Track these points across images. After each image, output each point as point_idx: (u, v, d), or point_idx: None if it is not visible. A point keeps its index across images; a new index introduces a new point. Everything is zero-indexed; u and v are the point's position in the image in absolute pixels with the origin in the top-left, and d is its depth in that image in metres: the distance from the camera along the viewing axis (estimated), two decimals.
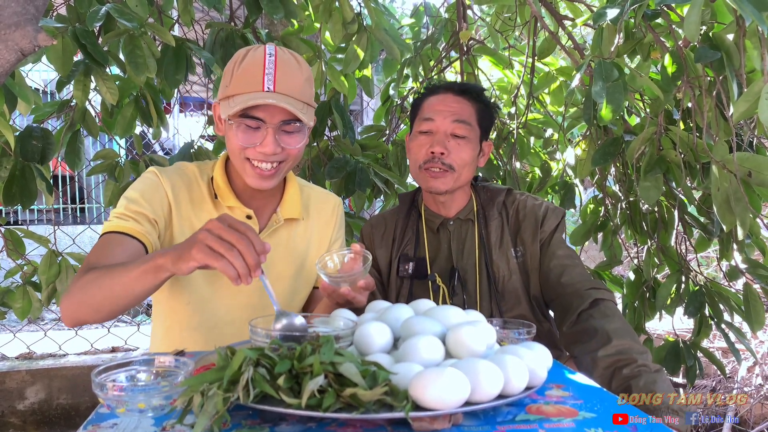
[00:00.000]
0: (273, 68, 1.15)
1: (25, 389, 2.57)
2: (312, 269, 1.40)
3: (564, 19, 1.95)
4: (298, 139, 1.20)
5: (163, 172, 1.27)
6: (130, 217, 1.18)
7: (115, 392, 0.73)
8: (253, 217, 1.30)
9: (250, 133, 1.17)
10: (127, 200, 1.21)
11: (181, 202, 1.26)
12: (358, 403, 0.70)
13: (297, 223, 1.37)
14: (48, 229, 2.22)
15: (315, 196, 1.43)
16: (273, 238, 1.33)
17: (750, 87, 1.23)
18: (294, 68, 1.18)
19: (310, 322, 1.00)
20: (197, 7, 2.01)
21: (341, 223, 1.46)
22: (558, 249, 1.45)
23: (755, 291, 1.70)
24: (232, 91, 1.16)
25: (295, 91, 1.16)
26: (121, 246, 1.14)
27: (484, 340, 0.86)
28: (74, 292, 1.06)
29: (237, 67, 1.17)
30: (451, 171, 1.43)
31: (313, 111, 1.24)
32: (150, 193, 1.23)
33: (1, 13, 0.96)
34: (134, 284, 1.00)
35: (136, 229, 1.17)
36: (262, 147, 1.17)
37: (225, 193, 1.28)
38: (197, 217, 1.28)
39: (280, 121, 1.17)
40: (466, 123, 1.43)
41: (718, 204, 1.41)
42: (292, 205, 1.35)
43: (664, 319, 2.02)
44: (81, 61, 1.67)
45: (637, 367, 1.14)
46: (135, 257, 1.13)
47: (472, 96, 1.47)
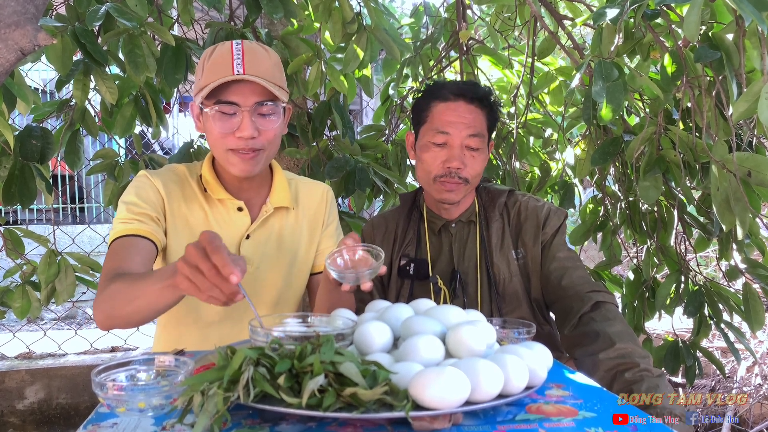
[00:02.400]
0: (241, 54, 1.18)
1: (25, 389, 2.56)
2: (306, 257, 1.41)
3: (564, 19, 1.95)
4: (273, 121, 1.23)
5: (153, 173, 1.30)
6: (134, 219, 1.21)
7: (115, 392, 0.73)
8: (244, 208, 1.32)
9: (226, 119, 1.20)
10: (126, 204, 1.23)
11: (173, 200, 1.29)
12: (358, 402, 0.70)
13: (288, 213, 1.38)
14: (47, 229, 2.22)
15: (303, 186, 1.45)
16: (265, 227, 1.35)
17: (749, 87, 1.23)
18: (261, 54, 1.22)
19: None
20: (197, 7, 2.01)
21: (332, 207, 1.47)
22: (559, 251, 1.45)
23: (755, 291, 1.70)
24: (204, 82, 1.19)
25: (265, 73, 1.20)
26: (134, 248, 1.17)
27: (484, 340, 0.86)
28: (104, 302, 1.08)
29: (207, 60, 1.21)
30: (465, 183, 1.43)
31: (286, 95, 1.26)
32: (145, 193, 1.26)
33: (1, 12, 0.96)
34: (157, 300, 1.01)
35: (143, 229, 1.20)
36: (240, 131, 1.19)
37: (214, 186, 1.30)
38: (190, 212, 1.30)
39: (255, 103, 1.19)
40: (480, 136, 1.42)
41: (717, 204, 1.41)
42: (282, 194, 1.36)
43: (664, 318, 2.02)
44: (80, 61, 1.66)
45: (639, 371, 1.14)
46: (149, 257, 1.18)
47: (484, 104, 1.44)
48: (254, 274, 1.33)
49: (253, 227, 1.33)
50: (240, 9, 2.06)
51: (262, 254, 1.34)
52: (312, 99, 2.09)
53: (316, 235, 1.42)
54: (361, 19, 1.92)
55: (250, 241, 1.33)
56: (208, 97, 1.19)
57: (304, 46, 1.98)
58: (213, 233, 0.88)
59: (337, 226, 1.48)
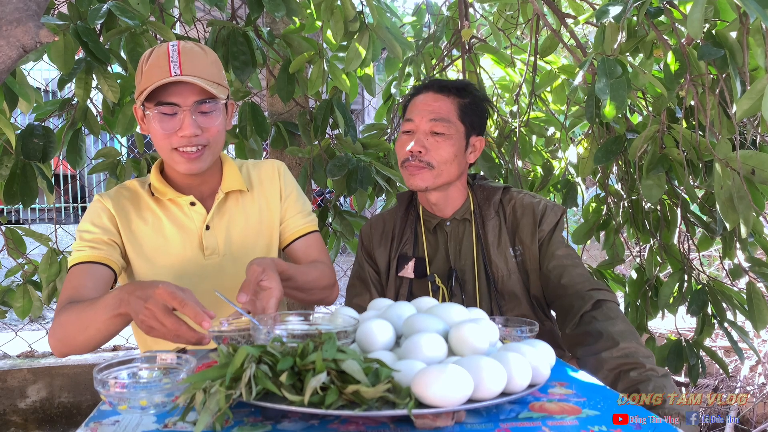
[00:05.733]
0: (177, 56, 1.20)
1: (27, 388, 2.57)
2: (271, 235, 1.43)
3: (566, 17, 1.95)
4: (215, 118, 1.25)
5: (105, 195, 1.34)
6: (87, 246, 1.26)
7: (117, 389, 0.73)
8: (196, 203, 1.34)
9: (167, 120, 1.21)
10: (80, 232, 1.29)
11: (125, 216, 1.32)
12: (360, 400, 0.70)
13: (243, 196, 1.40)
14: (49, 228, 2.22)
15: (254, 167, 1.46)
16: (222, 214, 1.37)
17: (753, 84, 1.22)
18: (198, 54, 1.24)
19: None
20: (199, 6, 2.01)
21: (287, 178, 1.47)
22: (557, 249, 1.43)
23: (758, 290, 1.69)
24: (144, 85, 1.21)
25: (202, 72, 1.21)
26: (86, 275, 1.22)
27: (486, 338, 0.86)
28: (56, 330, 1.13)
29: (144, 64, 1.23)
30: (429, 168, 1.42)
31: (226, 91, 1.28)
32: (97, 218, 1.30)
33: (3, 9, 0.96)
34: (107, 328, 1.07)
35: (96, 255, 1.25)
36: (182, 131, 1.21)
37: (162, 189, 1.33)
38: (144, 222, 1.33)
39: (194, 102, 1.21)
40: (444, 120, 1.42)
41: (721, 202, 1.41)
42: (232, 178, 1.38)
43: (667, 317, 2.01)
44: (82, 59, 1.66)
45: (645, 371, 1.13)
46: (103, 282, 1.23)
47: (453, 92, 1.45)
48: (221, 263, 1.35)
49: (209, 216, 1.34)
50: (242, 8, 2.06)
51: (225, 241, 1.36)
52: (314, 98, 2.09)
53: (276, 209, 1.43)
54: (363, 17, 1.92)
55: (211, 231, 1.35)
56: (148, 99, 1.21)
57: (305, 44, 1.98)
58: (170, 287, 0.94)
59: (299, 194, 1.48)
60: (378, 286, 1.57)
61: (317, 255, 1.44)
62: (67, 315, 1.11)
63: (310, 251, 1.44)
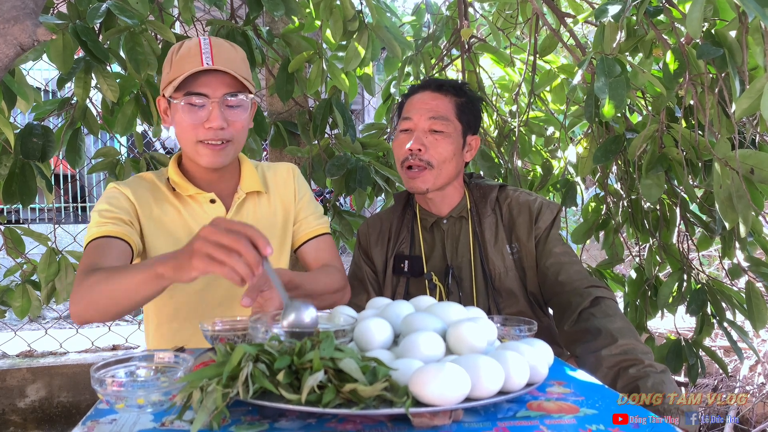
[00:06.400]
0: (209, 48, 1.21)
1: (26, 387, 2.56)
2: (285, 237, 1.43)
3: (566, 17, 1.94)
4: (241, 112, 1.26)
5: (121, 183, 1.32)
6: (108, 222, 1.22)
7: (114, 388, 0.73)
8: (216, 200, 1.34)
9: (195, 111, 1.22)
10: (99, 212, 1.25)
11: (145, 204, 1.31)
12: (358, 398, 0.70)
13: (260, 197, 1.40)
14: (49, 228, 2.22)
15: (269, 169, 1.47)
16: (240, 215, 1.37)
17: (752, 84, 1.22)
18: (229, 48, 1.25)
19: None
20: (198, 5, 2.01)
21: (301, 182, 1.48)
22: (554, 246, 1.44)
23: (758, 289, 1.69)
24: (174, 74, 1.21)
25: (234, 65, 1.22)
26: (108, 248, 1.18)
27: (484, 336, 0.86)
28: (81, 294, 1.08)
29: (175, 55, 1.23)
30: (429, 168, 1.42)
31: (253, 88, 1.29)
32: (115, 200, 1.28)
33: (0, 8, 0.96)
34: (136, 291, 1.01)
35: (117, 230, 1.21)
36: (210, 122, 1.21)
37: (182, 184, 1.32)
38: (164, 213, 1.32)
39: (224, 95, 1.22)
40: (442, 118, 1.43)
41: (720, 202, 1.40)
42: (251, 179, 1.38)
43: (666, 317, 2.01)
44: (81, 59, 1.66)
45: (644, 367, 1.13)
46: (125, 257, 1.18)
47: (450, 91, 1.46)
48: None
49: (229, 215, 1.34)
50: (241, 7, 2.06)
51: None
52: (313, 97, 2.09)
53: (291, 211, 1.44)
54: (363, 17, 1.92)
55: None
56: (177, 89, 1.21)
57: (305, 44, 1.98)
58: (225, 219, 0.90)
59: (311, 196, 1.49)
60: (375, 285, 1.57)
61: (328, 257, 1.43)
62: (94, 278, 1.06)
63: (321, 253, 1.43)
